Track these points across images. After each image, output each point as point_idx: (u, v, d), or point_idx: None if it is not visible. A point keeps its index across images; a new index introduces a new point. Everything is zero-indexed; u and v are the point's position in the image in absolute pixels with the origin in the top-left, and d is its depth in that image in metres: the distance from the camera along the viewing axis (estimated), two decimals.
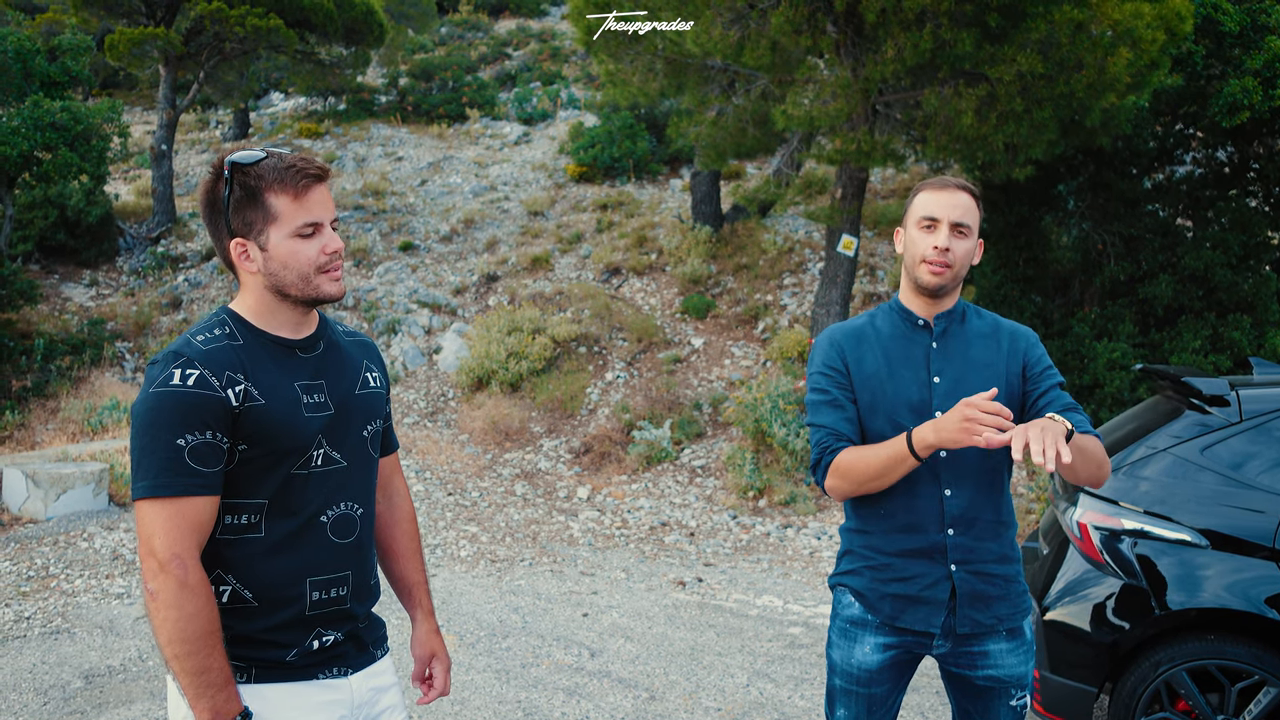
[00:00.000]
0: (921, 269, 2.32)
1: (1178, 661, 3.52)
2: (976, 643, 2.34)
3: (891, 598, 2.33)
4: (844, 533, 2.49)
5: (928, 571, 2.30)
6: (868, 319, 2.46)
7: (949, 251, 2.29)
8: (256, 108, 20.55)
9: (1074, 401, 2.33)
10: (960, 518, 2.29)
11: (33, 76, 12.14)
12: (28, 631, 5.22)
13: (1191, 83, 8.44)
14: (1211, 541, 3.55)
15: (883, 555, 2.35)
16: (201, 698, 1.72)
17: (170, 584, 1.71)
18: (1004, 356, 2.36)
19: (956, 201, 2.31)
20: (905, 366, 2.34)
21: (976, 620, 2.31)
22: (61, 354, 10.68)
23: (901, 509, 2.31)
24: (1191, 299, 8.55)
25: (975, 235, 2.36)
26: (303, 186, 1.83)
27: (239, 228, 1.85)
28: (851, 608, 2.40)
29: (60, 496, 7.08)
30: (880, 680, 2.38)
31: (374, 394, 2.05)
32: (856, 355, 2.37)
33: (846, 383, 2.36)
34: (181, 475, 1.73)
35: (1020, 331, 2.42)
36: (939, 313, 2.38)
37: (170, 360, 1.78)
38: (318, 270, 1.87)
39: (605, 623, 5.52)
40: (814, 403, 2.39)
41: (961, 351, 2.35)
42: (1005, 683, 2.35)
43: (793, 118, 7.77)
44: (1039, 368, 2.36)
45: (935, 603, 2.29)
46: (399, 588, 2.23)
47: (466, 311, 11.76)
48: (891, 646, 2.36)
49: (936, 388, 2.32)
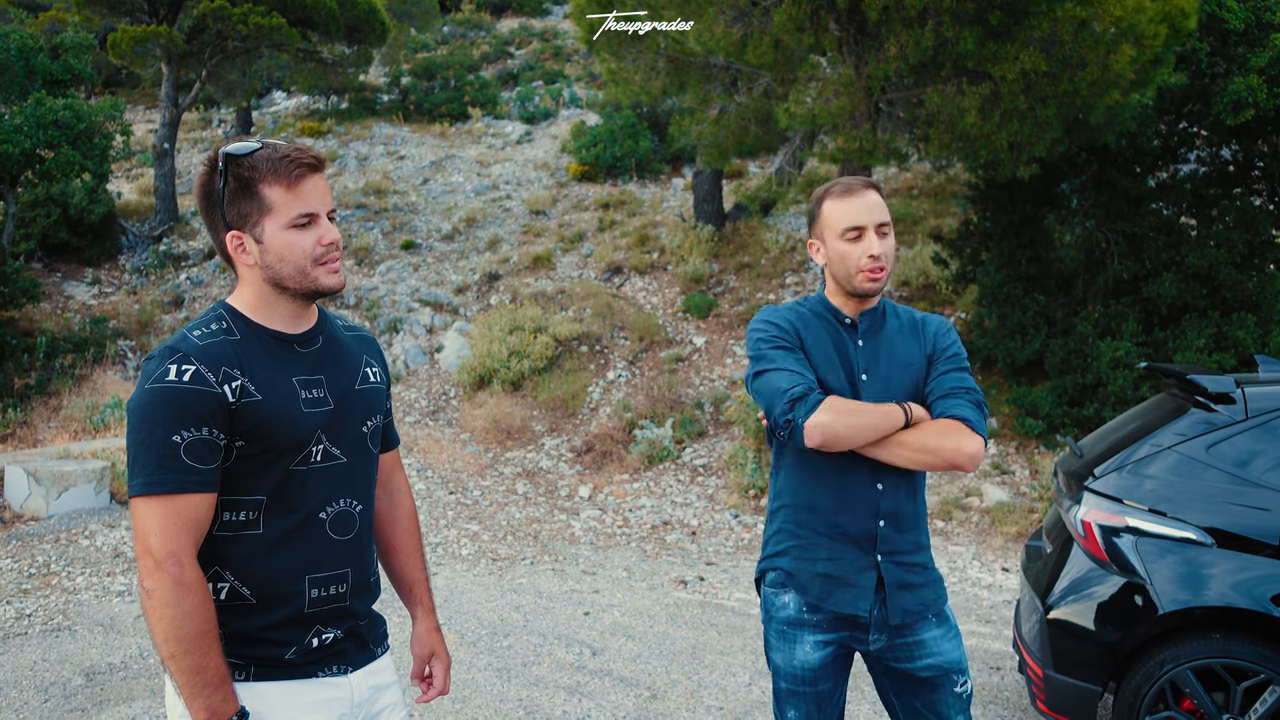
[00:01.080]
0: (860, 279, 2.35)
1: (1183, 660, 3.50)
2: (910, 632, 2.38)
3: (820, 577, 2.36)
4: (772, 514, 2.51)
5: (855, 558, 2.35)
6: (802, 306, 2.49)
7: (881, 255, 2.34)
8: (259, 106, 20.55)
9: (959, 385, 2.36)
10: (891, 511, 2.36)
11: (35, 74, 12.14)
12: (29, 629, 5.21)
13: (1196, 80, 8.41)
14: (1217, 540, 3.53)
15: (812, 533, 2.38)
16: (198, 697, 1.70)
17: (166, 582, 1.69)
18: (921, 348, 2.43)
19: (872, 203, 2.35)
20: (837, 361, 2.39)
21: (906, 609, 2.36)
22: (64, 352, 10.68)
23: (835, 496, 2.36)
24: (1196, 298, 8.52)
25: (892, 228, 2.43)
26: (296, 176, 1.80)
27: (234, 220, 1.82)
28: (786, 609, 2.41)
29: (62, 494, 7.08)
30: (824, 677, 2.40)
31: (374, 389, 2.03)
32: (808, 333, 2.41)
33: (803, 353, 2.38)
34: (177, 472, 1.71)
35: (932, 321, 2.49)
36: (863, 310, 2.43)
37: (166, 356, 1.76)
38: (314, 262, 1.84)
39: (607, 621, 5.50)
40: (778, 354, 2.36)
41: (886, 348, 2.41)
42: (946, 669, 2.38)
43: (795, 116, 7.75)
44: (941, 354, 2.42)
45: (862, 588, 2.33)
46: (399, 585, 2.21)
47: (468, 310, 11.75)
48: (830, 643, 2.39)
49: (865, 384, 2.37)
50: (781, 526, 2.46)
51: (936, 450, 2.28)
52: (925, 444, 2.28)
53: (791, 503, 2.43)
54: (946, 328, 2.48)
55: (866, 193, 2.37)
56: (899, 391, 2.37)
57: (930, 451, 2.28)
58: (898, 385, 2.38)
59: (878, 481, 2.35)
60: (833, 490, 2.36)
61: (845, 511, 2.35)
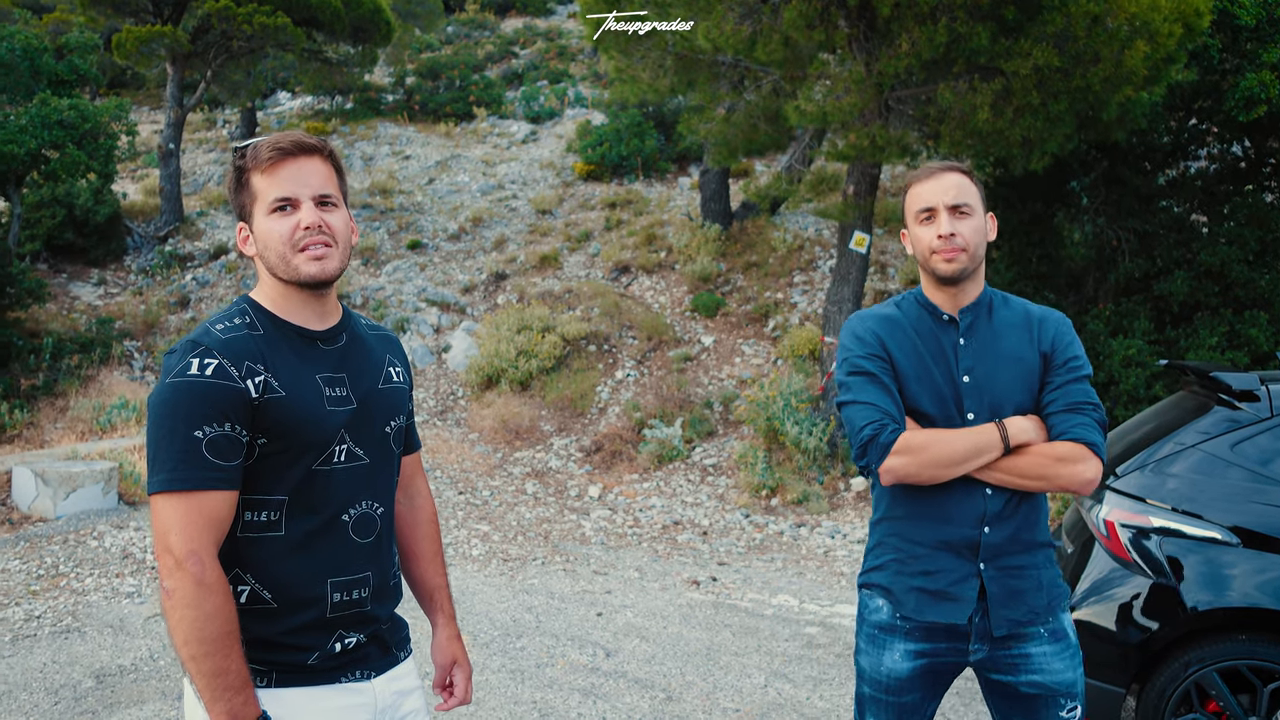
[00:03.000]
0: (934, 260, 2.22)
1: (1208, 662, 3.45)
2: (1016, 645, 2.22)
3: (917, 591, 2.23)
4: (873, 526, 2.39)
5: (955, 567, 2.20)
6: (894, 307, 2.35)
7: (955, 236, 2.19)
8: (264, 107, 20.53)
9: (1083, 399, 2.20)
10: (999, 514, 2.20)
11: (40, 75, 12.12)
12: (38, 630, 5.18)
13: (1207, 77, 8.35)
14: (1242, 539, 3.48)
15: (911, 544, 2.25)
16: (218, 700, 1.65)
17: (187, 582, 1.64)
18: (1034, 347, 2.25)
19: (948, 184, 2.22)
20: (934, 363, 2.23)
21: (1013, 619, 2.20)
22: (70, 353, 10.66)
23: (938, 501, 2.21)
24: (1208, 295, 8.46)
25: (981, 212, 2.25)
26: (270, 161, 1.76)
27: (238, 212, 1.84)
28: (879, 612, 2.30)
29: (69, 495, 7.05)
30: (910, 689, 2.27)
31: (397, 389, 1.98)
32: (894, 342, 2.27)
33: (890, 367, 2.25)
34: (199, 468, 1.67)
35: (1050, 318, 2.29)
36: (964, 305, 2.27)
37: (188, 349, 1.72)
38: (293, 248, 1.77)
39: (619, 622, 5.46)
40: (858, 382, 2.24)
41: (991, 346, 2.24)
42: (1053, 690, 2.22)
43: (805, 113, 7.70)
44: (1059, 359, 2.24)
45: (962, 600, 2.19)
46: (419, 592, 2.16)
47: (475, 310, 11.72)
48: (923, 654, 2.25)
49: (965, 386, 2.21)
50: (881, 539, 2.34)
51: (1053, 478, 2.14)
52: (1042, 471, 2.14)
53: (890, 514, 2.31)
54: (1066, 325, 2.29)
55: (944, 174, 2.23)
56: (1005, 394, 2.21)
57: (1046, 479, 2.15)
58: (1004, 386, 2.21)
59: (986, 486, 2.19)
60: (934, 497, 2.21)
61: (947, 520, 2.21)
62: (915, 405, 2.22)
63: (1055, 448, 2.15)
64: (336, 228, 1.81)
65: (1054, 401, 2.19)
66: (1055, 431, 2.17)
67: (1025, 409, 2.22)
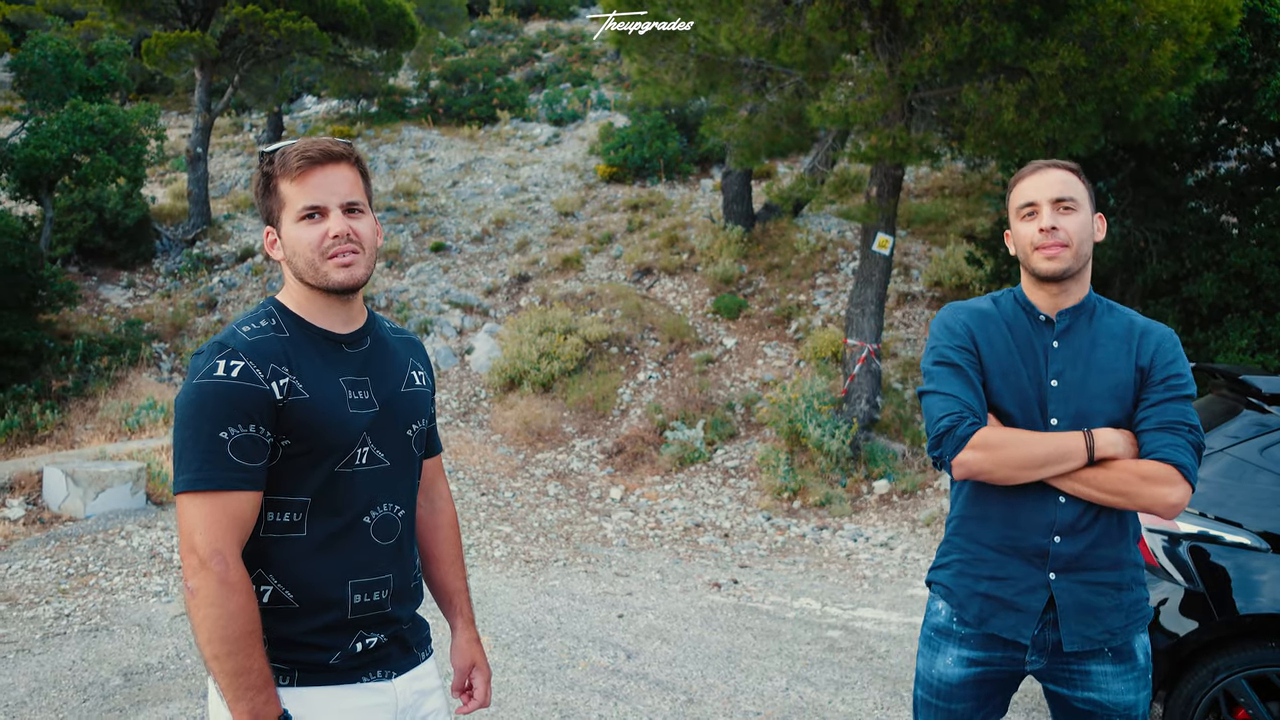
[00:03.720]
0: (1035, 257, 2.14)
1: (1237, 669, 3.40)
2: (1077, 661, 2.15)
3: (982, 597, 2.16)
4: (948, 523, 2.33)
5: (1024, 575, 2.12)
6: (990, 302, 2.27)
7: (1056, 230, 2.10)
8: (290, 111, 20.73)
9: (1179, 419, 2.09)
10: (1072, 525, 2.11)
11: (72, 81, 12.31)
12: (67, 629, 5.25)
13: (1237, 76, 8.24)
14: (1273, 545, 3.43)
15: (978, 545, 2.19)
16: (241, 699, 1.67)
17: (211, 581, 1.66)
18: (1131, 359, 2.14)
19: (1052, 179, 2.14)
20: (1024, 362, 2.16)
21: (1087, 636, 2.11)
22: (100, 354, 10.81)
23: (1009, 503, 2.14)
24: (1238, 297, 8.34)
25: (1088, 209, 2.16)
26: (299, 169, 1.79)
27: (265, 216, 1.86)
28: (938, 615, 2.25)
29: (99, 495, 7.14)
30: (961, 696, 2.21)
31: (419, 393, 2.00)
32: (985, 336, 2.20)
33: (977, 361, 2.18)
34: (224, 469, 1.69)
35: (1153, 331, 2.18)
36: (1064, 308, 2.18)
37: (215, 351, 1.75)
38: (322, 256, 1.80)
39: (641, 624, 5.46)
40: (941, 373, 2.17)
41: (1085, 352, 2.15)
42: (1108, 710, 2.14)
43: (828, 114, 7.68)
44: (1159, 375, 2.12)
45: (1028, 611, 2.11)
46: (439, 595, 2.17)
47: (498, 312, 11.76)
48: (977, 662, 2.18)
49: (1054, 391, 2.13)
50: (950, 538, 2.28)
51: (1135, 496, 2.04)
52: (1125, 488, 2.04)
53: (962, 514, 2.25)
54: (1171, 342, 2.17)
55: (1048, 170, 2.16)
56: (1094, 404, 2.11)
57: (1128, 496, 2.05)
58: (1094, 396, 2.12)
59: (1060, 494, 2.11)
60: (1005, 499, 2.14)
61: (1015, 524, 2.13)
62: (997, 403, 2.16)
63: (1142, 466, 2.05)
64: (363, 234, 1.83)
65: (1148, 419, 2.09)
66: (1145, 450, 2.07)
67: (1116, 422, 2.12)
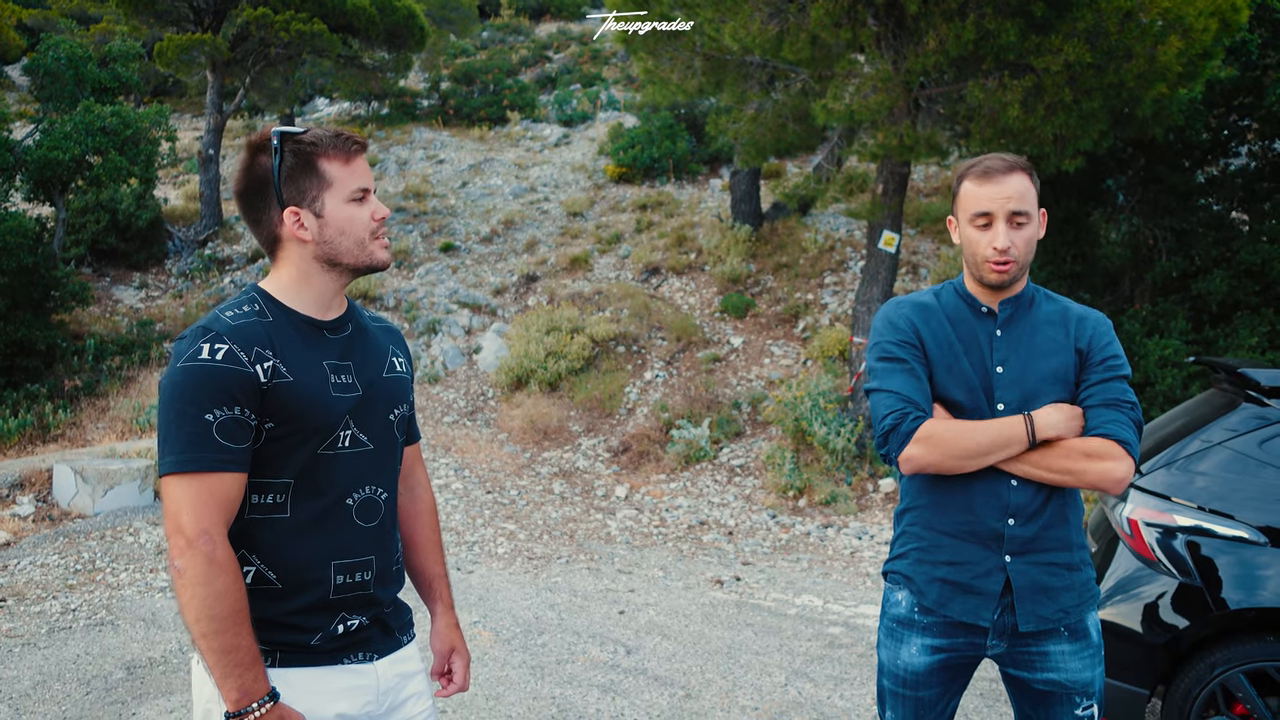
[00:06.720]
0: (985, 268, 2.18)
1: (1235, 663, 3.39)
2: (1035, 642, 2.20)
3: (940, 582, 2.20)
4: (898, 516, 2.37)
5: (980, 559, 2.17)
6: (931, 296, 2.31)
7: (1010, 249, 2.15)
8: (301, 113, 20.85)
9: (1119, 396, 2.17)
10: (1024, 507, 2.16)
11: (84, 83, 12.42)
12: (73, 623, 5.30)
13: (1247, 73, 8.19)
14: (1271, 539, 3.41)
15: (934, 533, 2.23)
16: (229, 677, 1.70)
17: (198, 560, 1.69)
18: (1070, 343, 2.22)
19: (1009, 190, 2.15)
20: (969, 351, 2.21)
21: (1041, 616, 2.16)
22: (112, 354, 10.90)
23: (960, 490, 2.19)
24: (1248, 294, 8.29)
25: (1036, 214, 2.21)
26: (354, 152, 1.87)
27: (291, 196, 1.84)
28: (898, 606, 2.29)
29: (107, 492, 7.20)
30: (928, 683, 2.26)
31: (400, 379, 2.03)
32: (929, 329, 2.25)
33: (921, 354, 2.22)
34: (209, 451, 1.72)
35: (1088, 316, 2.27)
36: (1004, 299, 2.24)
37: (198, 335, 1.77)
38: (371, 235, 1.89)
39: (642, 620, 5.47)
40: (885, 369, 2.23)
41: (1027, 339, 2.22)
42: (1068, 689, 2.20)
43: (833, 112, 7.67)
44: (1097, 357, 2.21)
45: (985, 594, 2.16)
46: (419, 581, 2.20)
47: (506, 311, 11.80)
48: (940, 649, 2.23)
49: (999, 377, 2.19)
50: (906, 529, 2.32)
51: (1081, 473, 2.11)
52: (1070, 466, 2.11)
53: (915, 504, 2.29)
54: (1105, 325, 2.27)
55: (1007, 177, 2.16)
56: (1038, 386, 2.18)
57: (1074, 474, 2.11)
58: (1038, 379, 2.19)
59: (1011, 478, 2.17)
60: (959, 485, 2.19)
61: (971, 508, 2.18)
62: (945, 394, 2.21)
63: (1085, 443, 2.11)
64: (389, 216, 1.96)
65: (1089, 398, 2.17)
66: (1089, 425, 2.14)
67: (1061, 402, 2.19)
